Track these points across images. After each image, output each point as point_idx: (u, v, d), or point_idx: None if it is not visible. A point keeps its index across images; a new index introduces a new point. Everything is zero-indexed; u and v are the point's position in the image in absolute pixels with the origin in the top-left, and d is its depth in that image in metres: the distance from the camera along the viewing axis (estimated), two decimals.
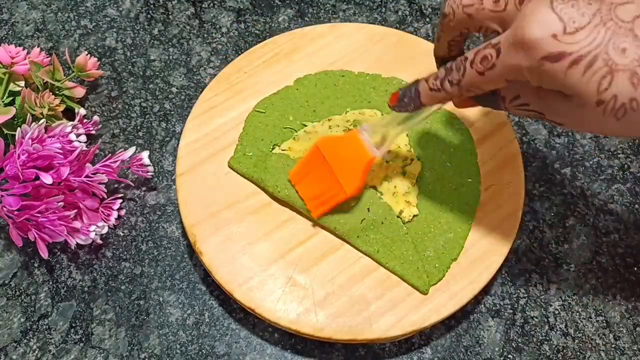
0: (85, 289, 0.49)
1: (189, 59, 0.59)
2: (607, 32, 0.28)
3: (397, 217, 0.46)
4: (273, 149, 0.49)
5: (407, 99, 0.38)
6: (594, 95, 0.29)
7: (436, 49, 0.39)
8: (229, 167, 0.48)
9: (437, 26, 0.39)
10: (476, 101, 0.37)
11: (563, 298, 0.49)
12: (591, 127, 0.31)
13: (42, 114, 0.49)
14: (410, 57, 0.54)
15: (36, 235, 0.45)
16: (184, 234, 0.51)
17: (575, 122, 0.31)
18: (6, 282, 0.49)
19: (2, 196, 0.45)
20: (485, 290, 0.49)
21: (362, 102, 0.51)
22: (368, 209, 0.46)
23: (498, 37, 0.31)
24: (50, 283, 0.49)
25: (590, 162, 0.55)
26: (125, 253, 0.50)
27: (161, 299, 0.48)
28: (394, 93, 0.40)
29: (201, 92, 0.52)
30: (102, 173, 0.48)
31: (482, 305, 0.49)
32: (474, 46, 0.34)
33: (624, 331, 0.48)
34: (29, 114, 0.48)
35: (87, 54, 0.54)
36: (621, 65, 0.28)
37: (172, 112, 0.56)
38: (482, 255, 0.46)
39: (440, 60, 0.39)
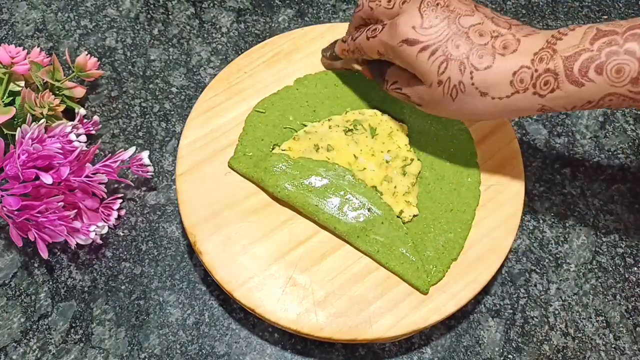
0: (85, 289, 0.49)
1: (189, 59, 0.59)
2: (449, 33, 0.39)
3: (397, 217, 0.46)
4: (273, 149, 0.49)
5: (330, 50, 0.51)
6: (435, 75, 0.40)
7: (347, 31, 0.49)
8: (229, 167, 0.48)
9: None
10: (373, 76, 0.48)
11: (563, 298, 0.49)
12: (438, 108, 0.42)
13: (42, 114, 0.49)
14: None
15: (36, 235, 0.45)
16: (184, 234, 0.51)
17: (429, 103, 0.42)
18: (6, 282, 0.49)
19: (2, 196, 0.45)
20: (485, 290, 0.49)
21: (362, 102, 0.51)
22: (368, 209, 0.46)
23: (388, 20, 0.43)
24: (50, 283, 0.49)
25: (590, 162, 0.55)
26: (125, 253, 0.50)
27: (161, 299, 0.48)
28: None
29: (201, 92, 0.52)
30: (102, 173, 0.48)
31: (482, 305, 0.49)
32: None
33: (624, 331, 0.48)
34: (29, 114, 0.48)
35: (87, 54, 0.54)
36: (454, 56, 0.39)
37: (172, 112, 0.56)
38: (482, 255, 0.46)
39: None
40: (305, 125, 0.50)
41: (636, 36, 0.34)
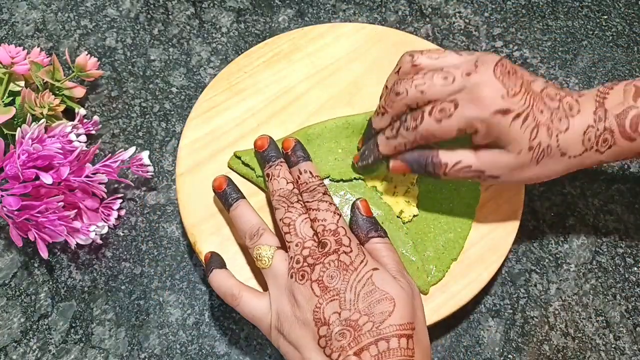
0: (85, 289, 0.49)
1: (189, 59, 0.59)
2: (530, 98, 0.39)
3: (397, 217, 0.46)
4: None
5: (367, 152, 0.45)
6: (527, 142, 0.39)
7: (378, 121, 0.44)
8: (229, 167, 0.48)
9: (382, 102, 0.43)
10: (414, 171, 0.43)
11: (563, 298, 0.49)
12: (520, 174, 0.41)
13: (42, 114, 0.49)
14: None
15: (36, 235, 0.45)
16: (184, 234, 0.51)
17: (512, 172, 0.41)
18: (6, 282, 0.49)
19: (2, 196, 0.45)
20: (485, 290, 0.49)
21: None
22: None
23: (452, 95, 0.39)
24: (50, 283, 0.49)
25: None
26: (125, 253, 0.50)
27: (161, 299, 0.48)
28: (356, 156, 0.47)
29: (201, 92, 0.52)
30: (102, 173, 0.48)
31: (482, 305, 0.49)
32: (473, 47, 0.34)
33: (624, 331, 0.48)
34: (29, 114, 0.48)
35: (87, 54, 0.54)
36: (542, 121, 0.39)
37: (172, 112, 0.56)
38: (482, 255, 0.46)
39: (374, 132, 0.45)
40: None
41: None
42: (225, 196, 0.44)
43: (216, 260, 0.43)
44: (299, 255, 0.39)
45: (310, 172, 0.43)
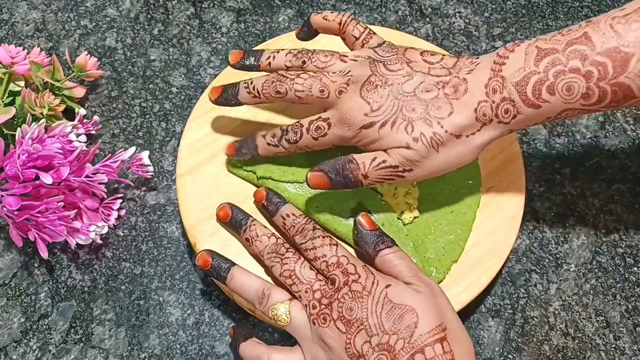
0: (85, 289, 0.49)
1: (189, 59, 0.59)
2: (398, 103, 0.40)
3: (398, 218, 0.46)
4: None
5: (245, 150, 0.46)
6: (407, 136, 0.40)
7: (245, 95, 0.45)
8: (229, 171, 0.48)
9: (260, 84, 0.45)
10: (332, 183, 0.42)
11: (563, 298, 0.49)
12: (429, 165, 0.41)
13: (42, 114, 0.49)
14: None
15: (36, 235, 0.45)
16: (184, 234, 0.51)
17: (418, 163, 0.40)
18: (6, 282, 0.49)
19: (2, 196, 0.45)
20: (486, 291, 0.49)
21: None
22: (369, 210, 0.46)
23: (326, 113, 0.43)
24: (50, 283, 0.49)
25: (590, 162, 0.55)
26: (125, 253, 0.50)
27: (161, 299, 0.48)
28: (231, 144, 0.47)
29: (201, 92, 0.52)
30: (102, 173, 0.48)
31: (482, 305, 0.49)
32: (473, 47, 0.34)
33: (624, 331, 0.48)
34: (29, 114, 0.47)
35: (87, 54, 0.54)
36: (415, 117, 0.40)
37: (172, 112, 0.56)
38: (482, 257, 0.46)
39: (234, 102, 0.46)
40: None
41: (576, 53, 0.36)
42: (216, 270, 0.43)
43: (240, 334, 0.43)
44: (313, 300, 0.39)
45: (293, 214, 0.44)
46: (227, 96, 0.46)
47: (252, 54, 0.46)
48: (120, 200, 0.51)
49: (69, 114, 0.54)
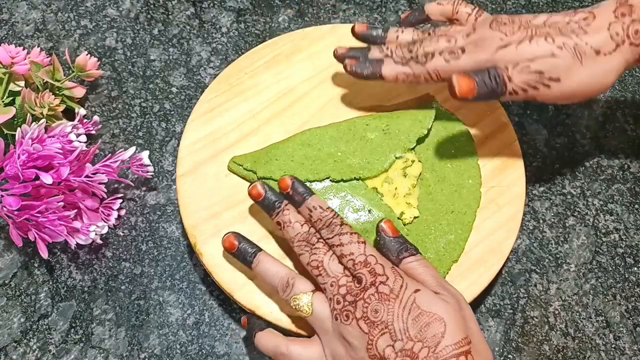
0: (85, 289, 0.49)
1: (189, 59, 0.59)
2: (531, 30, 0.42)
3: (398, 218, 0.46)
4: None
5: (367, 62, 0.48)
6: (550, 47, 0.41)
7: (391, 37, 0.49)
8: (229, 170, 0.48)
9: (393, 46, 0.48)
10: (478, 90, 0.42)
11: (563, 298, 0.49)
12: (575, 76, 0.42)
13: (42, 114, 0.49)
14: None
15: (36, 235, 0.45)
16: (184, 234, 0.51)
17: (565, 72, 0.41)
18: (6, 282, 0.49)
19: (2, 196, 0.45)
20: (486, 291, 0.49)
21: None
22: (369, 210, 0.46)
23: (460, 42, 0.45)
24: (50, 283, 0.49)
25: (590, 162, 0.55)
26: (125, 253, 0.50)
27: (161, 299, 0.48)
28: (350, 58, 0.48)
29: (201, 92, 0.52)
30: (102, 173, 0.48)
31: (482, 305, 0.49)
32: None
33: (624, 331, 0.48)
34: (29, 114, 0.47)
35: (87, 54, 0.54)
36: (551, 33, 0.42)
37: (172, 112, 0.56)
38: (482, 257, 0.46)
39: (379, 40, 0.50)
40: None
41: None
42: (242, 254, 0.43)
43: (256, 324, 0.43)
44: (338, 295, 0.38)
45: (321, 207, 0.42)
46: (355, 54, 0.49)
47: (378, 30, 0.50)
48: (120, 200, 0.51)
49: (69, 114, 0.54)
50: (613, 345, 0.48)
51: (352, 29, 0.50)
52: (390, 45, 0.48)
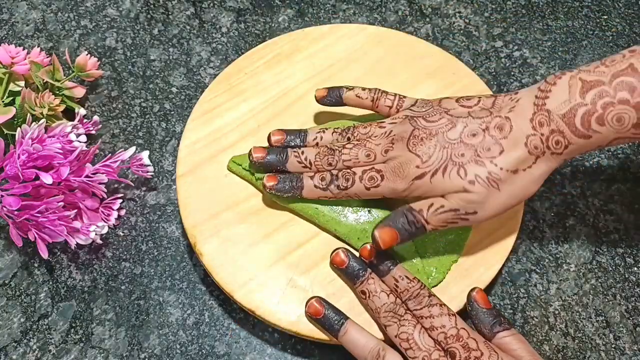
0: (85, 289, 0.49)
1: (189, 59, 0.59)
2: (446, 151, 0.40)
3: None
4: None
5: (288, 186, 0.44)
6: (461, 180, 0.40)
7: (294, 163, 0.45)
8: (228, 169, 0.48)
9: (314, 157, 0.45)
10: (401, 235, 0.41)
11: (563, 298, 0.49)
12: (494, 205, 0.40)
13: (42, 114, 0.49)
14: (412, 58, 0.54)
15: (36, 235, 0.45)
16: (184, 233, 0.51)
17: (482, 204, 0.40)
18: (6, 282, 0.49)
19: (2, 196, 0.45)
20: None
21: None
22: (369, 210, 0.46)
23: (379, 165, 0.43)
24: (50, 283, 0.49)
25: (590, 162, 0.55)
26: (125, 253, 0.50)
27: (161, 299, 0.48)
28: (270, 176, 0.45)
29: (201, 92, 0.52)
30: (102, 173, 0.48)
31: None
32: (473, 47, 0.33)
33: (624, 331, 0.48)
34: (29, 114, 0.48)
35: (87, 54, 0.54)
36: (466, 161, 0.40)
37: (172, 112, 0.56)
38: (482, 257, 0.46)
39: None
40: None
41: (624, 84, 0.37)
42: (329, 321, 0.42)
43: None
44: None
45: (407, 277, 0.42)
46: (273, 161, 0.45)
47: (297, 135, 0.47)
48: (120, 200, 0.51)
49: (69, 114, 0.54)
50: (613, 345, 0.48)
51: (268, 137, 0.47)
52: (307, 153, 0.45)
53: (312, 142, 0.47)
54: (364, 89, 0.47)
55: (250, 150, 0.46)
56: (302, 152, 0.45)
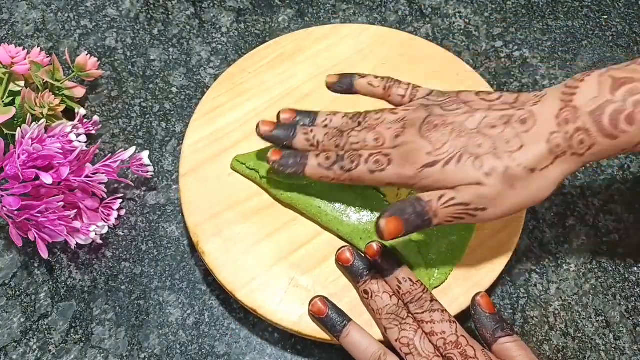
0: (85, 289, 0.49)
1: (189, 59, 0.59)
2: (461, 140, 0.38)
3: None
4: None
5: (291, 161, 0.43)
6: (476, 172, 0.38)
7: (303, 141, 0.44)
8: (232, 169, 0.48)
9: (320, 137, 0.44)
10: (406, 225, 0.39)
11: (563, 298, 0.49)
12: (504, 202, 0.38)
13: (42, 114, 0.49)
14: (415, 59, 0.54)
15: (36, 235, 0.45)
16: (184, 233, 0.51)
17: (493, 200, 0.38)
18: (6, 282, 0.49)
19: (2, 196, 0.45)
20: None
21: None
22: (371, 211, 0.46)
23: (387, 149, 0.40)
24: (50, 283, 0.49)
25: (590, 162, 0.55)
26: (125, 253, 0.50)
27: (161, 299, 0.48)
28: (275, 150, 0.44)
29: (201, 92, 0.52)
30: (102, 173, 0.48)
31: None
32: (473, 47, 0.34)
33: (624, 331, 0.48)
34: (29, 114, 0.47)
35: (87, 54, 0.54)
36: (482, 152, 0.38)
37: (172, 112, 0.56)
38: (485, 258, 0.46)
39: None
40: None
41: None
42: (331, 322, 0.42)
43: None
44: None
45: (410, 280, 0.42)
46: (280, 135, 0.44)
47: (307, 115, 0.46)
48: (120, 200, 0.51)
49: (69, 114, 0.54)
50: (613, 345, 0.48)
51: (278, 115, 0.46)
52: (316, 132, 0.44)
53: (322, 123, 0.45)
54: (376, 77, 0.45)
55: (258, 123, 0.45)
56: (311, 131, 0.44)
